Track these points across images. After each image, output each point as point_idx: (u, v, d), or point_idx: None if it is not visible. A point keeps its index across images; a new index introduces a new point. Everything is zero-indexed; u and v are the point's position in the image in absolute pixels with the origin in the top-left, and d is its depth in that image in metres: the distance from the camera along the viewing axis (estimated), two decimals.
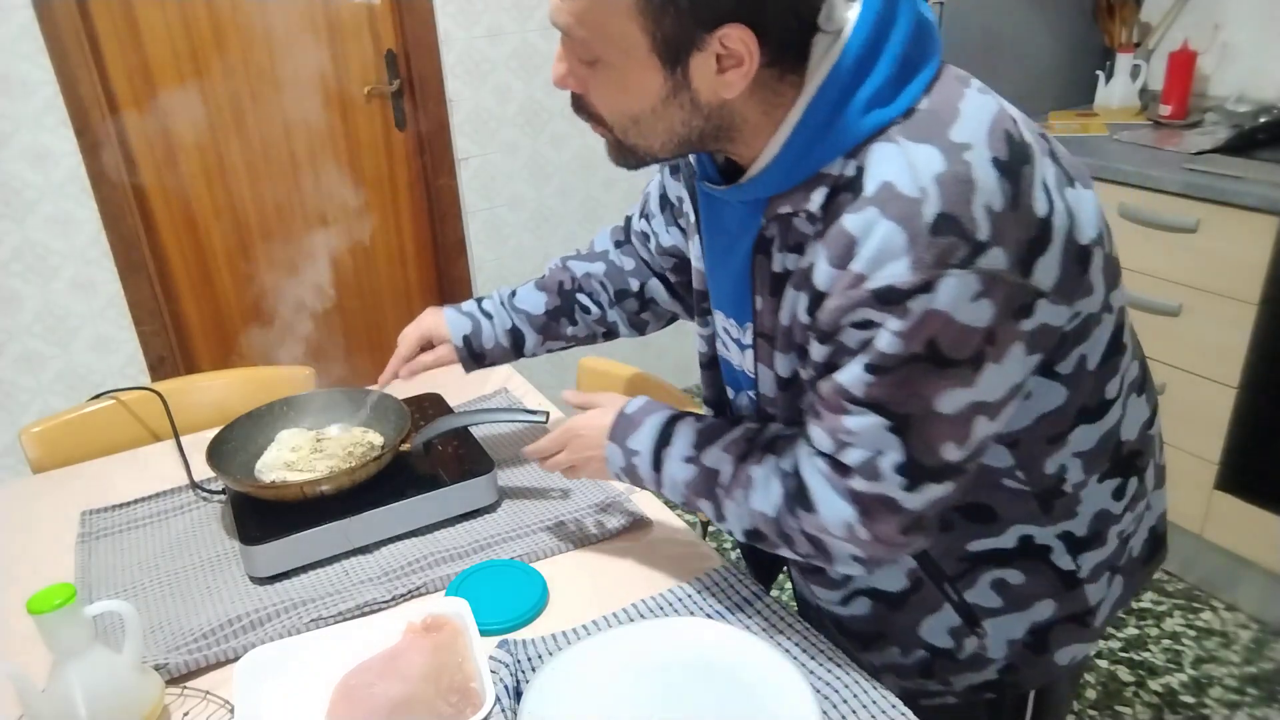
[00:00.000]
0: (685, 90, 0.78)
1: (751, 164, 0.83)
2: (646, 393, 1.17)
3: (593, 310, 1.24)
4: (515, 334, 1.23)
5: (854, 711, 0.88)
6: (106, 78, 2.32)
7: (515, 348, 1.25)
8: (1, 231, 2.26)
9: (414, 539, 1.18)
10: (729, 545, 2.46)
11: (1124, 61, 2.53)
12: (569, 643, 0.98)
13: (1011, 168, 0.73)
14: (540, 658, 0.97)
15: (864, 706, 0.88)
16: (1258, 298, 1.94)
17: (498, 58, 2.72)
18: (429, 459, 1.26)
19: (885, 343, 0.74)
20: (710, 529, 1.77)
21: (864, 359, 0.76)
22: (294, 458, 1.27)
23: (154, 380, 2.50)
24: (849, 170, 0.76)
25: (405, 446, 1.24)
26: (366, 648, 0.98)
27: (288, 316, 2.67)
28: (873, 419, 0.78)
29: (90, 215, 2.34)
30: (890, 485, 0.79)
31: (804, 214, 0.79)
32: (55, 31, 2.18)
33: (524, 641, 0.98)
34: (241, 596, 1.10)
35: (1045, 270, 0.74)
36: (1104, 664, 2.09)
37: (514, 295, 1.25)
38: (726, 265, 0.93)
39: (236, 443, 1.28)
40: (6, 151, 2.21)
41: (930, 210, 0.71)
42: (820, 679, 0.92)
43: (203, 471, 1.31)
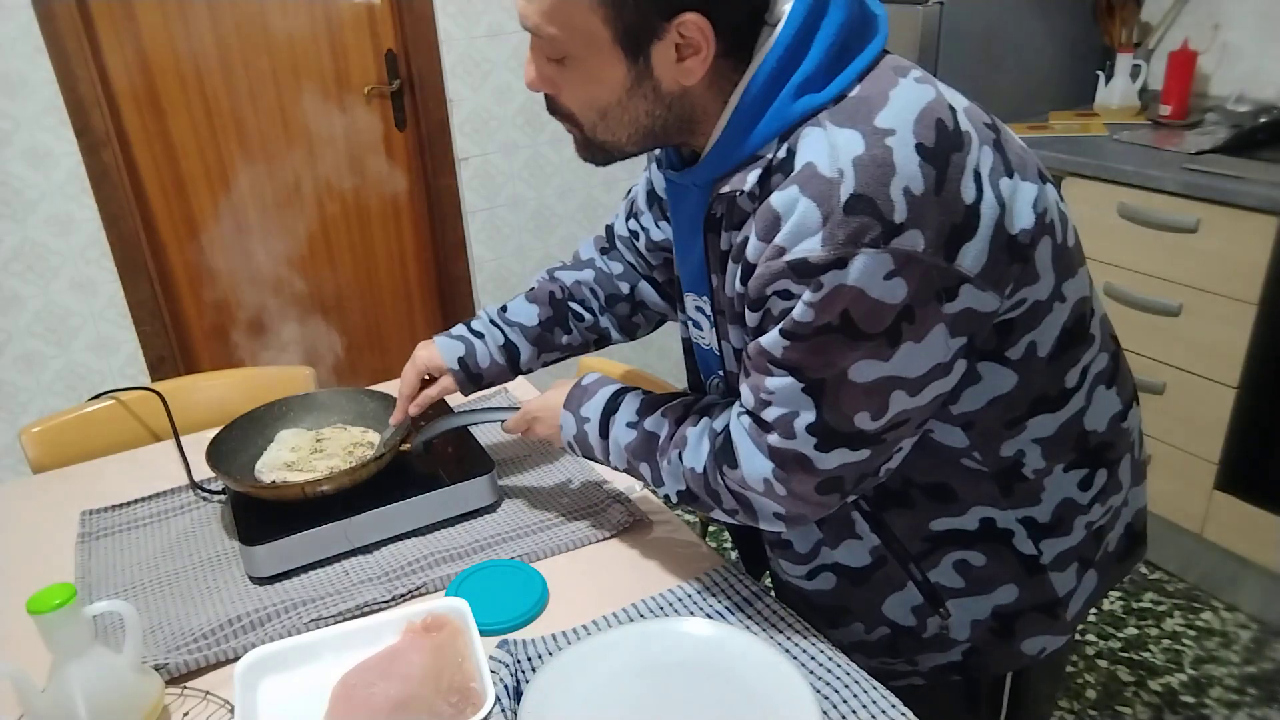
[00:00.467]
0: (648, 79, 0.83)
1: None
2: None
3: (586, 317, 1.25)
4: (510, 349, 1.23)
5: (854, 712, 0.88)
6: (106, 78, 2.32)
7: (511, 363, 1.24)
8: (1, 231, 2.26)
9: (414, 539, 1.18)
10: (729, 545, 2.46)
11: (1124, 61, 2.53)
12: (569, 643, 0.98)
13: (937, 154, 0.76)
14: (540, 658, 0.97)
15: (864, 706, 0.88)
16: (1257, 298, 1.94)
17: (498, 58, 2.72)
18: (429, 459, 1.26)
19: (800, 312, 0.78)
20: (710, 529, 1.77)
21: (782, 325, 0.80)
22: (294, 458, 1.27)
23: (154, 380, 2.50)
24: (781, 153, 0.81)
25: (405, 446, 1.24)
26: (366, 648, 0.98)
27: (288, 316, 2.67)
28: (789, 380, 0.82)
29: (90, 215, 2.34)
30: (804, 444, 0.84)
31: (743, 194, 0.84)
32: (55, 31, 2.18)
33: (524, 641, 0.98)
34: (241, 596, 1.10)
35: (971, 256, 0.77)
36: (1104, 664, 2.09)
37: (505, 310, 1.25)
38: (690, 247, 0.98)
39: (236, 443, 1.28)
40: (6, 151, 2.21)
41: (845, 190, 0.74)
42: (820, 679, 0.92)
43: (203, 471, 1.31)
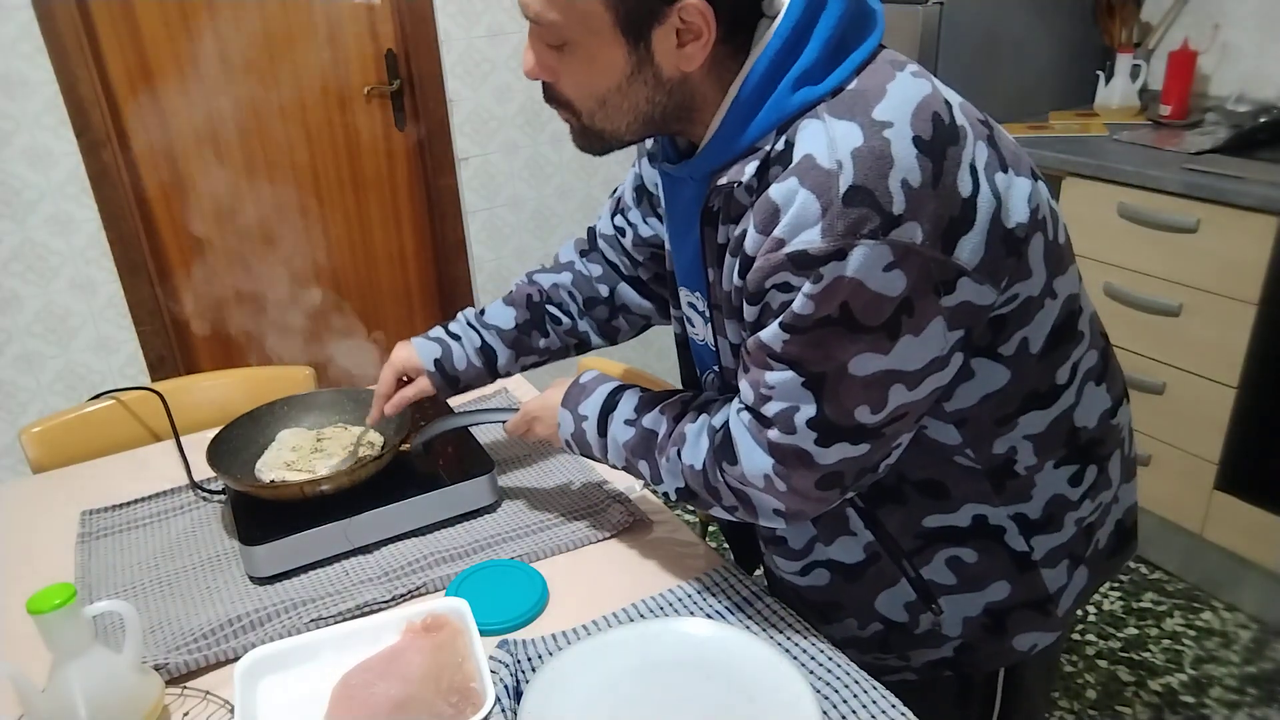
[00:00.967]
0: (649, 65, 0.82)
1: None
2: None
3: (563, 321, 1.24)
4: (487, 351, 1.22)
5: (854, 712, 0.88)
6: (106, 78, 2.32)
7: (488, 366, 1.23)
8: (1, 231, 2.26)
9: (414, 539, 1.18)
10: (729, 545, 2.46)
11: (1124, 61, 2.53)
12: (569, 643, 0.98)
13: (934, 147, 0.76)
14: (540, 658, 0.97)
15: (864, 706, 0.88)
16: (1257, 298, 1.94)
17: (498, 58, 2.72)
18: (429, 459, 1.26)
19: (799, 304, 0.78)
20: (710, 529, 1.77)
21: (782, 318, 0.80)
22: (294, 457, 1.27)
23: (154, 380, 2.50)
24: (779, 145, 0.80)
25: (405, 447, 1.24)
26: (366, 648, 0.98)
27: (288, 316, 2.67)
28: (789, 374, 0.82)
29: (90, 215, 2.34)
30: (804, 439, 0.83)
31: (740, 186, 0.83)
32: (55, 31, 2.18)
33: (524, 641, 0.98)
34: (241, 596, 1.10)
35: (969, 249, 0.77)
36: (1104, 664, 2.09)
37: (483, 313, 1.25)
38: (686, 241, 0.98)
39: (236, 443, 1.28)
40: (6, 151, 2.21)
41: (844, 182, 0.74)
42: (820, 678, 0.92)
43: (203, 471, 1.31)
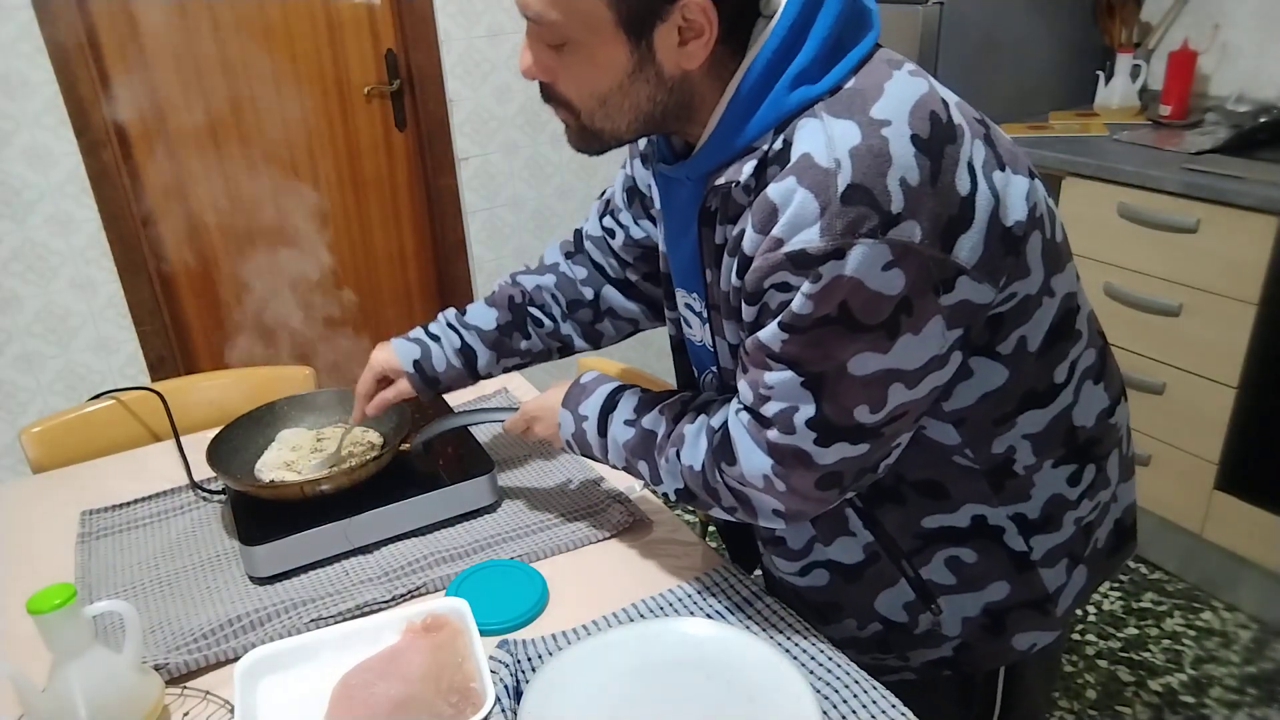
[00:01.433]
0: (650, 64, 0.82)
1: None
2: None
3: (545, 323, 1.23)
4: (467, 352, 1.21)
5: (854, 712, 0.88)
6: (106, 78, 2.32)
7: (468, 367, 1.22)
8: (1, 231, 2.26)
9: (414, 539, 1.18)
10: (727, 546, 2.45)
11: (1124, 61, 2.53)
12: (569, 643, 0.98)
13: (932, 145, 0.76)
14: (540, 658, 0.97)
15: (864, 706, 0.88)
16: (1257, 298, 1.94)
17: (498, 58, 2.72)
18: (429, 459, 1.26)
19: (798, 304, 0.78)
20: (710, 529, 1.77)
21: (781, 318, 0.80)
22: (294, 457, 1.27)
23: (154, 380, 2.50)
24: (777, 144, 0.80)
25: (405, 447, 1.24)
26: (366, 648, 0.98)
27: (288, 316, 2.67)
28: (788, 374, 0.82)
29: (90, 215, 2.34)
30: (803, 439, 0.83)
31: (738, 185, 0.83)
32: (55, 31, 2.18)
33: (524, 641, 0.98)
34: (241, 596, 1.10)
35: (967, 247, 0.77)
36: (1104, 664, 2.09)
37: (464, 314, 1.24)
38: (682, 242, 0.98)
39: (236, 443, 1.28)
40: (6, 151, 2.21)
41: (842, 181, 0.74)
42: (820, 679, 0.92)
43: (203, 471, 1.31)
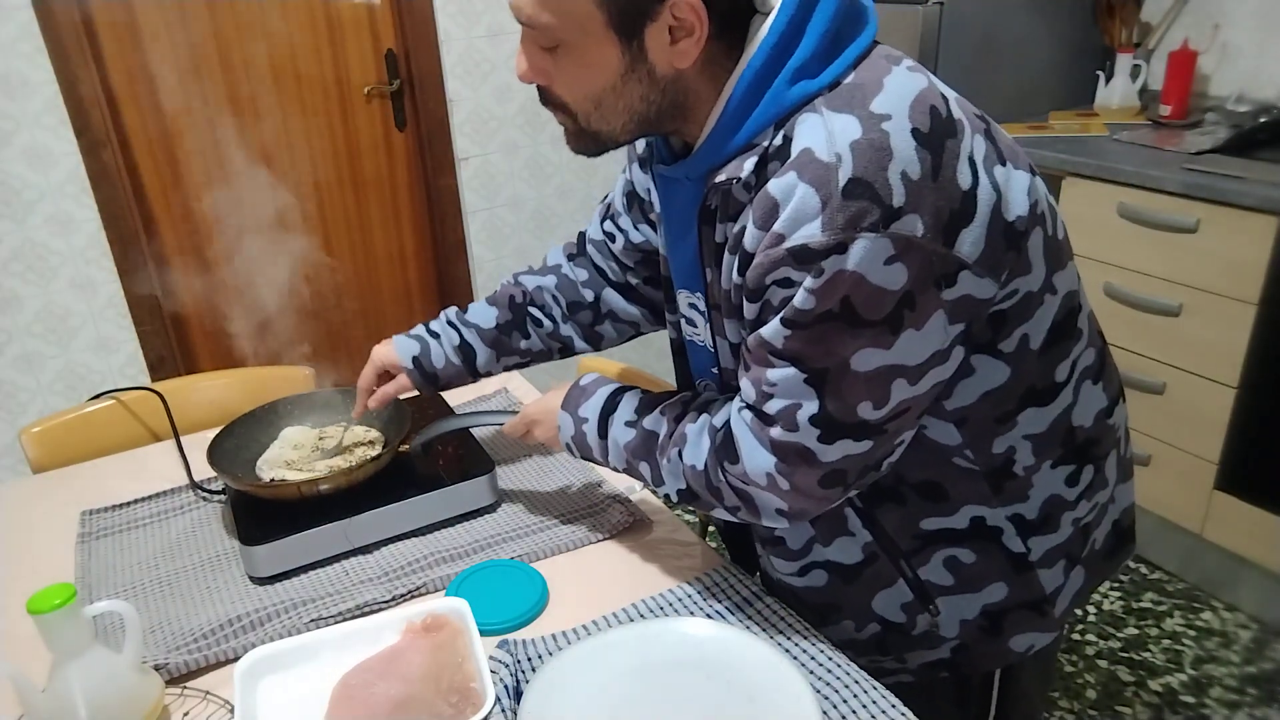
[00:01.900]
0: (643, 64, 0.82)
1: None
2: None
3: (545, 324, 1.24)
4: (466, 350, 1.22)
5: (854, 712, 0.88)
6: (106, 78, 2.32)
7: (467, 364, 1.23)
8: (1, 231, 2.26)
9: (414, 539, 1.18)
10: (726, 548, 2.45)
11: (1124, 61, 2.53)
12: (569, 643, 0.98)
13: (932, 139, 0.76)
14: (540, 658, 0.97)
15: (864, 706, 0.88)
16: (1257, 298, 1.94)
17: (498, 58, 2.72)
18: (429, 459, 1.26)
19: (801, 299, 0.77)
20: (710, 529, 1.77)
21: (783, 314, 0.79)
22: (295, 456, 1.27)
23: (154, 380, 2.50)
24: (777, 140, 0.80)
25: (405, 447, 1.24)
26: (366, 648, 0.98)
27: (288, 316, 2.67)
28: (791, 371, 0.81)
29: (90, 215, 2.34)
30: (807, 436, 0.83)
31: (739, 182, 0.83)
32: (55, 31, 2.18)
33: (524, 641, 0.99)
34: (241, 596, 1.10)
35: (969, 242, 0.77)
36: (1104, 664, 2.09)
37: (465, 312, 1.25)
38: (683, 242, 0.98)
39: (237, 442, 1.28)
40: (6, 151, 2.21)
41: (843, 175, 0.74)
42: (820, 679, 0.92)
43: (203, 471, 1.31)
